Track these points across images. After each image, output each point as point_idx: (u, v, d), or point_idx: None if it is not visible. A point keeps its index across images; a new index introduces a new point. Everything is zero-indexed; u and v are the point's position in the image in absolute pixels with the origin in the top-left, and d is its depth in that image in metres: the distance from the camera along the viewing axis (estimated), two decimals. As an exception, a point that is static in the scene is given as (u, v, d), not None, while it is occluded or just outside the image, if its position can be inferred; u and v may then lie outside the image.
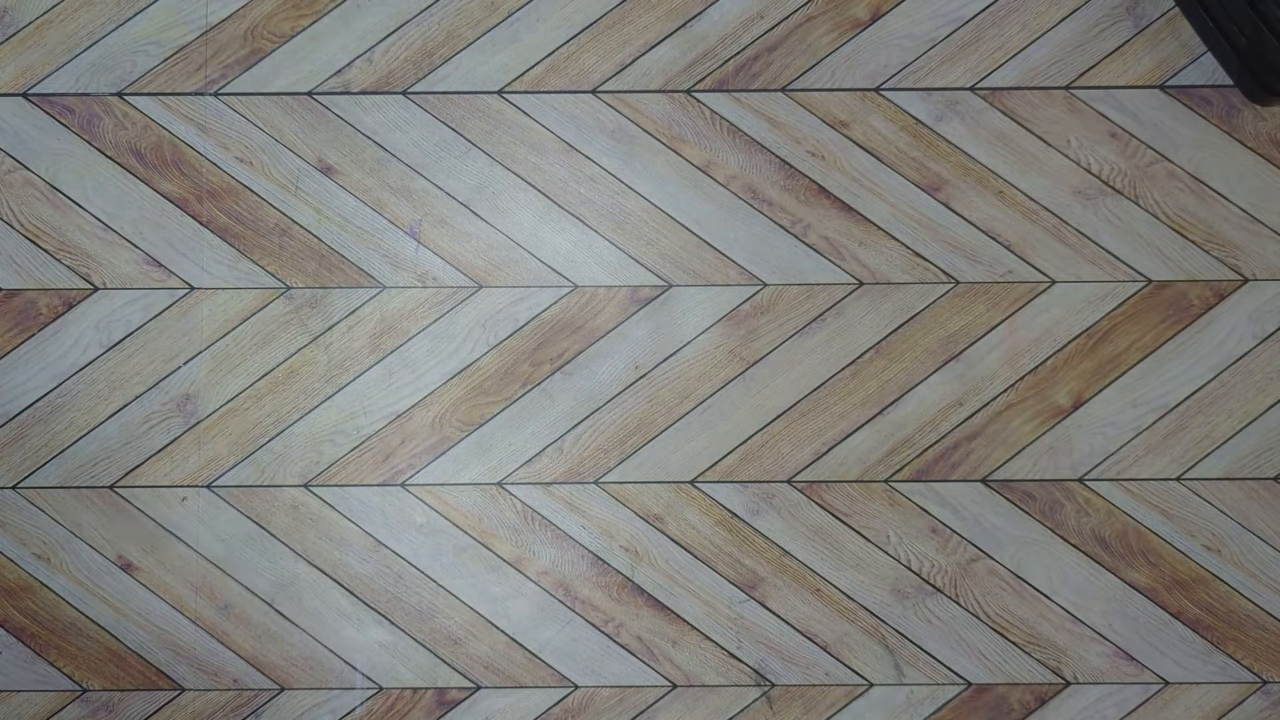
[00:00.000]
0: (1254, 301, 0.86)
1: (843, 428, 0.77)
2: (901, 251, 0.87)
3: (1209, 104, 0.89)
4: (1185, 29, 0.90)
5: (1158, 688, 0.82)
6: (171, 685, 0.82)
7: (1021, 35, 0.90)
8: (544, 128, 0.88)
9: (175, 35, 0.89)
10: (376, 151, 0.88)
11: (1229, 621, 0.84)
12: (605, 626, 0.82)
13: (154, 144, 0.88)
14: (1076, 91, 0.90)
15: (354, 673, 0.81)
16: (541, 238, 0.86)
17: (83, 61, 0.89)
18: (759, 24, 0.89)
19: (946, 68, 0.90)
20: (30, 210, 0.87)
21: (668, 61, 0.89)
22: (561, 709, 0.81)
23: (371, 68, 0.89)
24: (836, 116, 0.89)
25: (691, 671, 0.82)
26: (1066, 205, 0.88)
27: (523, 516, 0.83)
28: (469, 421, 0.85)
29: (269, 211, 0.87)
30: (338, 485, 0.84)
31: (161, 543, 0.84)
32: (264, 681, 0.81)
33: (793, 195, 0.87)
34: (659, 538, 0.84)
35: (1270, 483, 0.85)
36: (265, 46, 0.89)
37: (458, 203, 0.87)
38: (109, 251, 0.87)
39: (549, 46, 0.89)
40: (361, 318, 0.86)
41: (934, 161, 0.88)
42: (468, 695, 0.81)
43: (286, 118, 0.88)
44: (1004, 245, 0.87)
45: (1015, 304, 0.87)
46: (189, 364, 0.86)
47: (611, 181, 0.87)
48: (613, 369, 0.85)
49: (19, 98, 0.88)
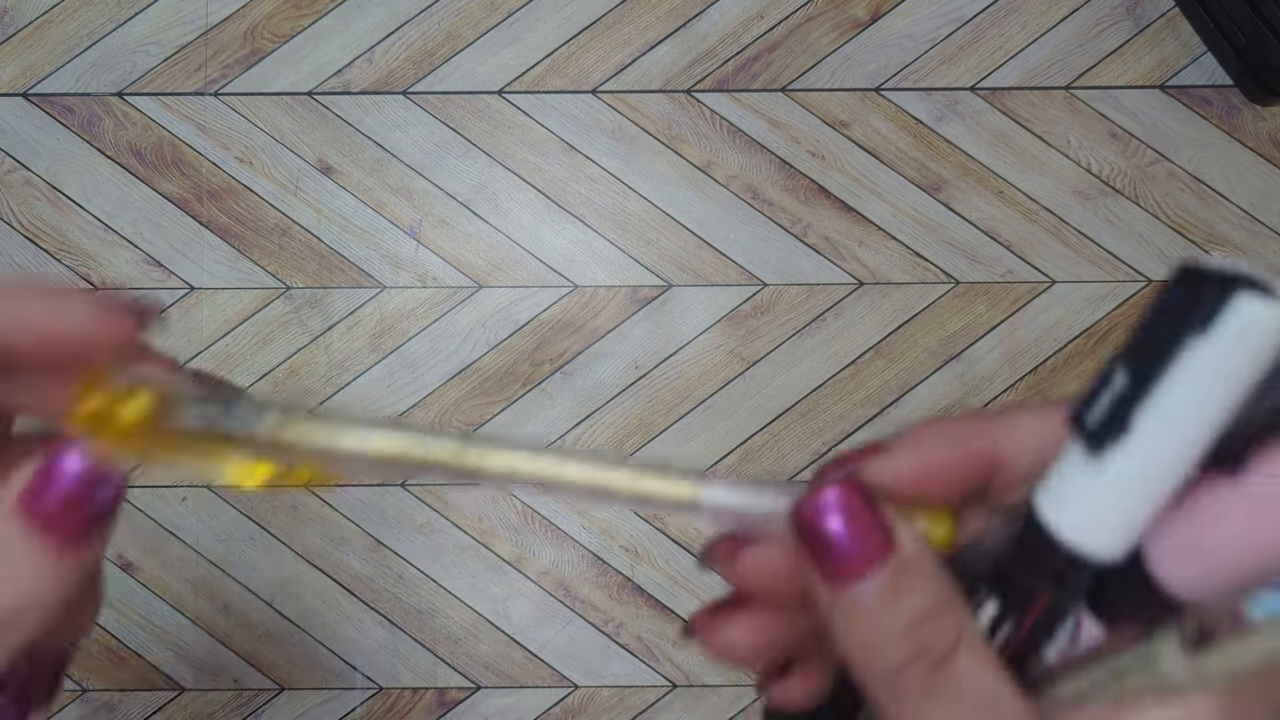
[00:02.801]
0: (1254, 302, 0.86)
1: (843, 428, 0.77)
2: (901, 251, 0.87)
3: (1209, 104, 0.89)
4: (1185, 29, 0.90)
5: (1157, 688, 0.82)
6: (171, 685, 0.82)
7: (1021, 35, 0.90)
8: (544, 128, 0.88)
9: (175, 35, 0.89)
10: (376, 151, 0.87)
11: (1229, 621, 0.84)
12: (605, 626, 0.82)
13: (154, 144, 0.87)
14: (1076, 91, 0.90)
15: (354, 673, 0.81)
16: (541, 238, 0.86)
17: (83, 61, 0.89)
18: (759, 24, 0.89)
19: (946, 68, 0.90)
20: (30, 210, 0.87)
21: (668, 61, 0.89)
22: (561, 709, 0.81)
23: (371, 68, 0.88)
24: (837, 116, 0.88)
25: (691, 671, 0.82)
26: (1066, 205, 0.88)
27: (523, 516, 0.83)
28: (469, 421, 0.85)
29: (269, 211, 0.87)
30: (337, 485, 0.85)
31: (161, 542, 0.84)
32: (264, 681, 0.81)
33: (793, 195, 0.87)
34: (659, 538, 0.84)
35: (1270, 483, 0.85)
36: (265, 46, 0.89)
37: (458, 203, 0.87)
38: (109, 251, 0.87)
39: (549, 46, 0.89)
40: (361, 318, 0.86)
41: (934, 162, 0.88)
42: (468, 695, 0.81)
43: (286, 118, 0.88)
44: (1004, 245, 0.87)
45: (1015, 304, 0.87)
46: (189, 364, 0.86)
47: (611, 181, 0.87)
48: (613, 369, 0.85)
49: (19, 98, 0.88)
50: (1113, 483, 0.25)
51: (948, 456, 0.33)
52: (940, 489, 0.30)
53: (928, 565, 0.27)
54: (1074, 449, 0.27)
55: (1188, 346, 0.23)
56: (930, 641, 0.26)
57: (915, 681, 0.26)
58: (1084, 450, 0.26)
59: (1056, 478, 0.27)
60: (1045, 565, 0.27)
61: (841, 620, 0.27)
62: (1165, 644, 0.31)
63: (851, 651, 0.28)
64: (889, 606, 0.26)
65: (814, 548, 0.27)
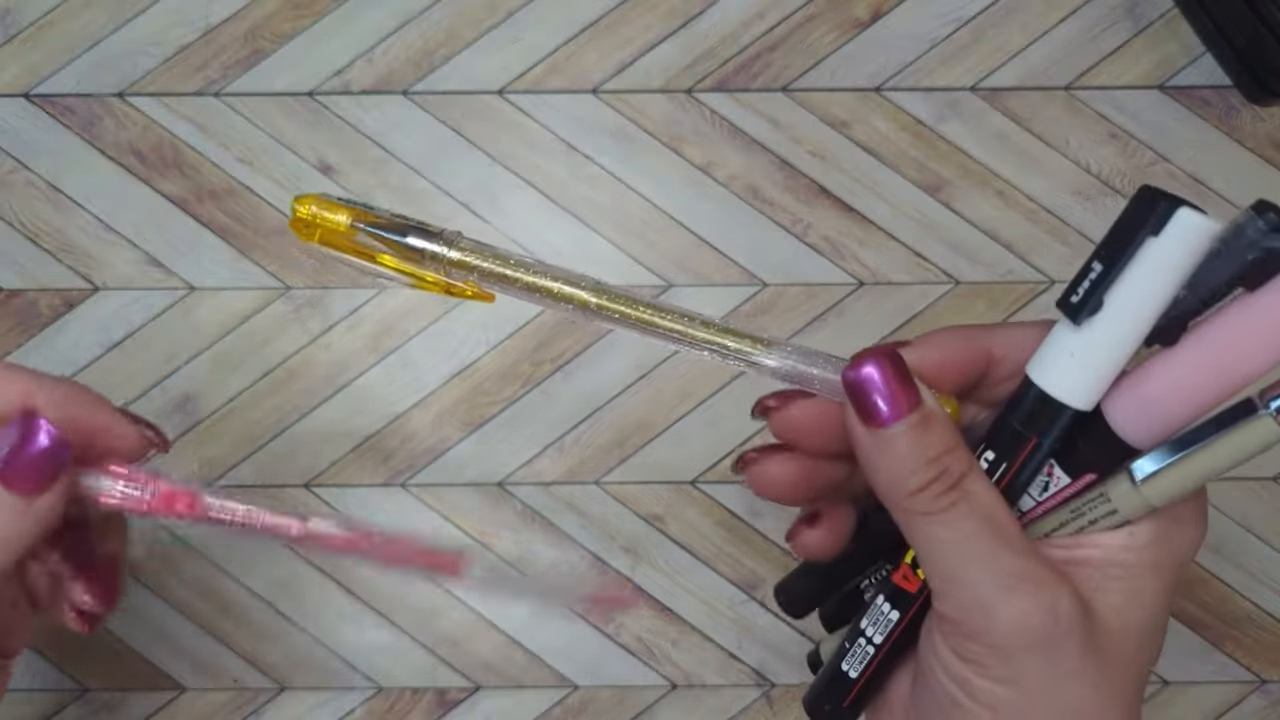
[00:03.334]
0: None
1: (843, 427, 0.77)
2: (902, 251, 0.87)
3: (1208, 105, 0.89)
4: (1185, 29, 0.90)
5: (1157, 687, 0.82)
6: (172, 685, 0.82)
7: (1021, 36, 0.90)
8: (544, 128, 0.88)
9: (176, 36, 0.89)
10: (376, 151, 0.88)
11: (1227, 621, 0.84)
12: (605, 626, 0.82)
13: (154, 144, 0.88)
14: (1076, 92, 0.90)
15: (354, 673, 0.81)
16: (541, 237, 0.86)
17: (84, 62, 0.89)
18: (759, 24, 0.89)
19: (946, 68, 0.90)
20: (31, 210, 0.87)
21: (668, 61, 0.89)
22: (562, 709, 0.81)
23: (371, 68, 0.89)
24: (837, 116, 0.89)
25: (692, 671, 0.82)
26: (1066, 205, 0.88)
27: (523, 516, 0.83)
28: (469, 421, 0.85)
29: (269, 211, 0.87)
30: (338, 485, 0.84)
31: (162, 543, 0.84)
32: (264, 681, 0.81)
33: (793, 195, 0.87)
34: (659, 538, 0.84)
35: (1270, 483, 0.85)
36: (265, 47, 0.89)
37: (458, 203, 0.87)
38: (109, 251, 0.87)
39: (549, 46, 0.89)
40: (361, 318, 0.86)
41: (934, 162, 0.88)
42: (468, 695, 0.81)
43: (287, 118, 0.88)
44: (1004, 245, 0.87)
45: (1015, 304, 0.87)
46: (189, 364, 0.86)
47: (611, 181, 0.87)
48: (613, 369, 0.85)
49: (20, 99, 0.88)
50: (1088, 347, 0.34)
51: (956, 351, 0.42)
52: (950, 376, 0.41)
53: (944, 417, 0.37)
54: (1061, 324, 0.35)
55: (1145, 244, 0.32)
56: (949, 465, 0.35)
57: (935, 499, 0.36)
58: (1068, 323, 0.34)
59: (1046, 348, 0.37)
60: (1035, 416, 0.37)
61: (879, 455, 0.37)
62: (1115, 485, 0.39)
63: (883, 479, 0.38)
64: (916, 442, 0.36)
65: (860, 399, 0.37)
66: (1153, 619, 0.40)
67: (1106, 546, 0.39)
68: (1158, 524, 0.39)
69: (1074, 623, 0.36)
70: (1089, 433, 0.38)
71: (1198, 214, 0.32)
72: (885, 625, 0.44)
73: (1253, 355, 0.32)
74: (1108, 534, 0.39)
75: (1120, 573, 0.39)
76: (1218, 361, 0.33)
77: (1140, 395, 0.36)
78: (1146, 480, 0.37)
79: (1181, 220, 0.32)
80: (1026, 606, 0.36)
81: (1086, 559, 0.39)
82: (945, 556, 0.37)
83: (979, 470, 0.38)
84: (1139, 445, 0.37)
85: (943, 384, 0.43)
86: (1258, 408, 0.33)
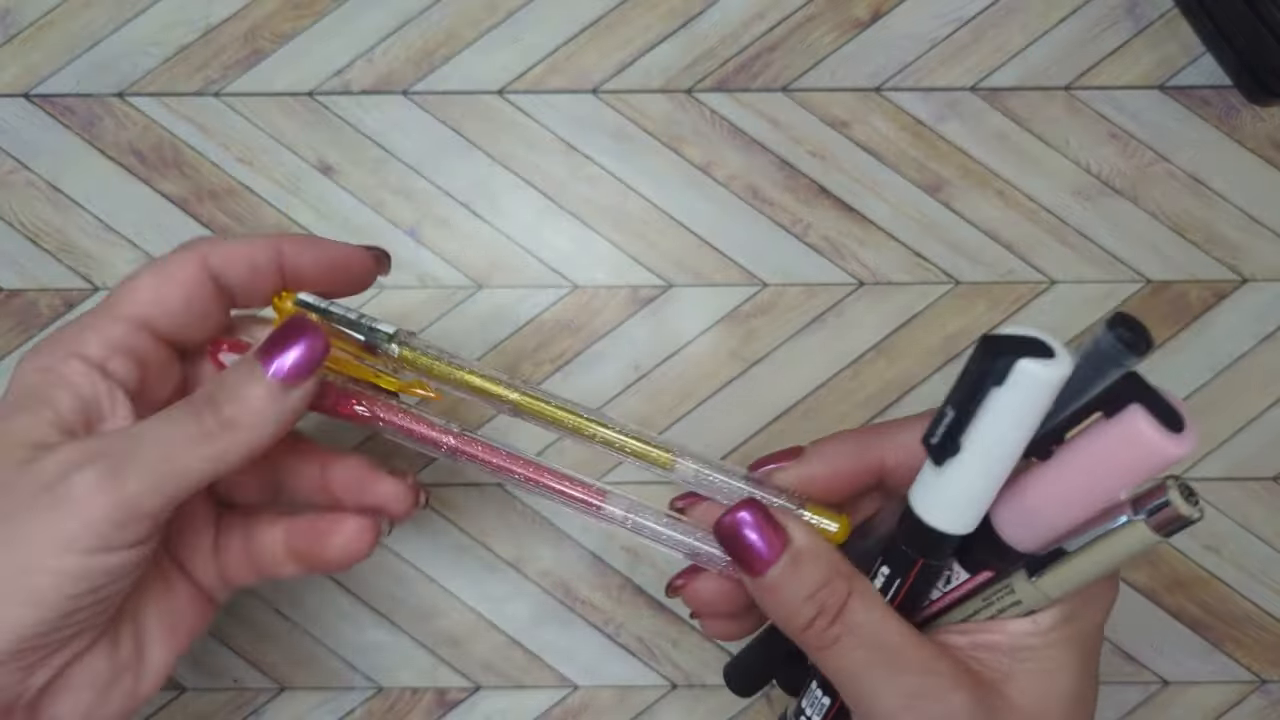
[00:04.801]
0: (1253, 302, 0.86)
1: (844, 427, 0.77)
2: (902, 251, 0.87)
3: (1208, 105, 0.89)
4: (1185, 29, 0.90)
5: (1157, 687, 0.82)
6: (172, 685, 0.82)
7: (1021, 36, 0.90)
8: (544, 128, 0.88)
9: (176, 36, 0.89)
10: (376, 151, 0.88)
11: (1228, 621, 0.84)
12: (605, 626, 0.82)
13: (154, 144, 0.88)
14: (1076, 92, 0.90)
15: (354, 673, 0.81)
16: (541, 237, 0.86)
17: (84, 62, 0.89)
18: (759, 24, 0.89)
19: (946, 68, 0.90)
20: (31, 210, 0.87)
21: (668, 61, 0.89)
22: (562, 709, 0.81)
23: (371, 68, 0.89)
24: (837, 116, 0.89)
25: (692, 671, 0.82)
26: (1066, 205, 0.88)
27: (523, 516, 0.83)
28: (469, 421, 0.85)
29: (269, 211, 0.87)
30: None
31: (162, 542, 0.84)
32: (264, 681, 0.81)
33: (793, 195, 0.87)
34: (659, 538, 0.84)
35: (1270, 483, 0.85)
36: (265, 47, 0.89)
37: (458, 203, 0.87)
38: (110, 252, 0.87)
39: (549, 46, 0.89)
40: (362, 318, 0.86)
41: (934, 161, 0.88)
42: (468, 695, 0.81)
43: (287, 118, 0.88)
44: (1004, 245, 0.87)
45: (1015, 304, 0.87)
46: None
47: (611, 181, 0.87)
48: (613, 369, 0.85)
49: (20, 98, 0.88)
50: (953, 485, 0.38)
51: (845, 463, 0.46)
52: (840, 489, 0.46)
53: (817, 549, 0.40)
54: (927, 462, 0.39)
55: (991, 394, 0.34)
56: (826, 601, 0.38)
57: (821, 634, 0.40)
58: (932, 463, 0.38)
59: (921, 480, 0.40)
60: (918, 541, 0.40)
61: (765, 599, 0.41)
62: (1016, 579, 0.43)
63: (778, 619, 0.41)
64: (791, 582, 0.39)
65: (734, 551, 0.41)
66: (1072, 689, 0.42)
67: (1014, 633, 0.41)
68: (1063, 606, 0.41)
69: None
70: (981, 538, 0.40)
71: (1038, 363, 0.33)
72: (821, 708, 0.47)
73: (1117, 474, 0.34)
74: (1015, 620, 0.41)
75: (1029, 654, 0.41)
76: (1087, 478, 0.35)
77: (1022, 506, 0.38)
78: (1040, 577, 0.39)
79: (1022, 371, 0.33)
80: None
81: (996, 644, 0.42)
82: (843, 683, 0.41)
83: (860, 593, 0.40)
84: (1027, 550, 0.40)
85: (833, 496, 0.47)
86: (1129, 516, 0.35)
